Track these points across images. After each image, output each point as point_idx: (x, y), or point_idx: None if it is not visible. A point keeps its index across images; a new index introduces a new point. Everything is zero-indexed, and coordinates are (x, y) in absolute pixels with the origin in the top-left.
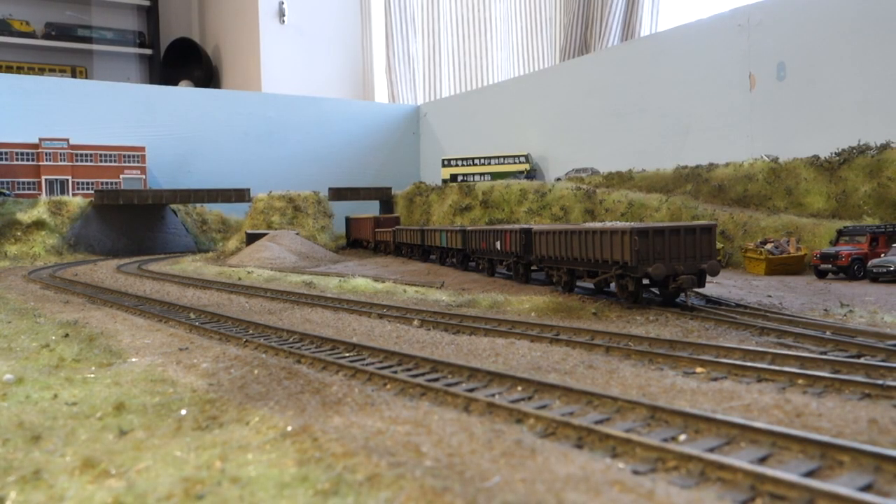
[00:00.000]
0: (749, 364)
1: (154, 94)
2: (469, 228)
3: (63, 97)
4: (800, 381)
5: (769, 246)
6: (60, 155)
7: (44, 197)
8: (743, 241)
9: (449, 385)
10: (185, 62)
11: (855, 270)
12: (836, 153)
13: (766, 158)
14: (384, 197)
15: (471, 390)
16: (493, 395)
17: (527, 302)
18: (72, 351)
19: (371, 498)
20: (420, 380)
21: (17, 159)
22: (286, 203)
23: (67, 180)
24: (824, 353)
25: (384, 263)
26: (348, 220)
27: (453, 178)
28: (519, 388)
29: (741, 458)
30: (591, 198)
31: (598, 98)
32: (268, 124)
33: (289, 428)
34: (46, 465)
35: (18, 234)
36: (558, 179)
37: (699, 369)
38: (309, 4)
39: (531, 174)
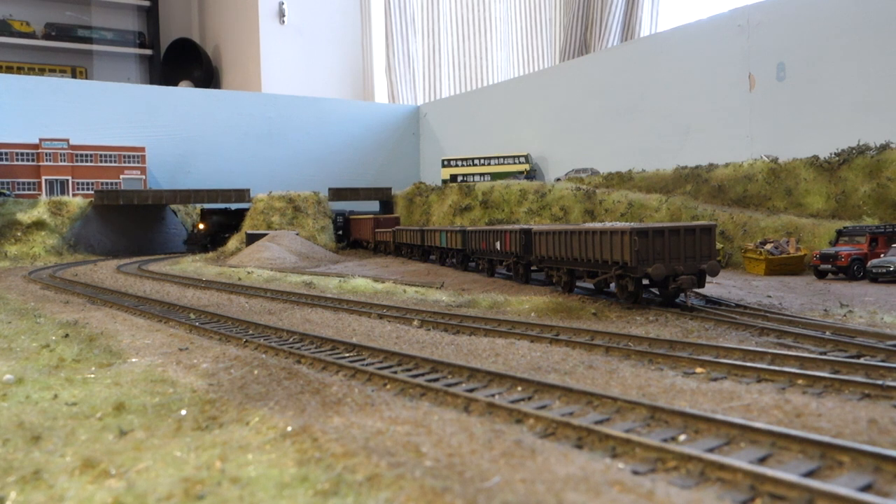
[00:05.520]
0: (749, 364)
1: (154, 94)
2: (469, 229)
3: (63, 97)
4: (799, 382)
5: (769, 246)
6: (60, 155)
7: (44, 197)
8: (743, 241)
9: (449, 385)
10: (185, 62)
11: (854, 271)
12: (835, 153)
13: (765, 159)
14: (384, 197)
15: (471, 390)
16: (493, 396)
17: (527, 302)
18: (72, 351)
19: (371, 498)
20: (420, 380)
21: (17, 159)
22: (286, 203)
23: (67, 181)
24: (824, 353)
25: (384, 264)
26: (347, 220)
27: (453, 178)
28: (519, 389)
29: (741, 459)
30: (590, 198)
31: (598, 98)
32: (268, 124)
33: (289, 428)
34: (46, 466)
35: (18, 234)
36: (558, 180)
37: (699, 369)
38: (309, 4)
39: (531, 174)
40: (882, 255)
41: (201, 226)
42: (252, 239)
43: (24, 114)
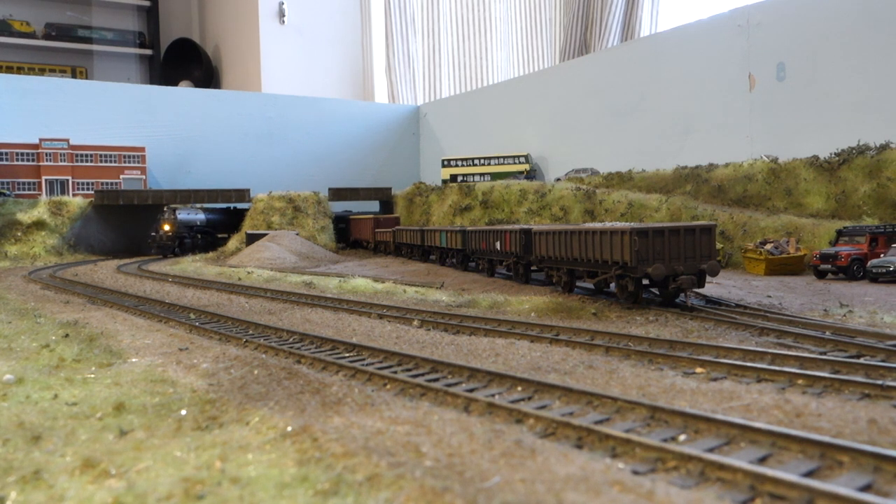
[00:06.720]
0: (749, 364)
1: (154, 94)
2: (469, 229)
3: (63, 97)
4: (799, 382)
5: (769, 246)
6: (60, 155)
7: (44, 197)
8: (743, 241)
9: (449, 385)
10: (185, 62)
11: (854, 271)
12: (835, 153)
13: (765, 159)
14: (384, 197)
15: (471, 390)
16: (493, 396)
17: (527, 302)
18: (72, 351)
19: (371, 498)
20: (420, 380)
21: (17, 159)
22: (286, 203)
23: (67, 180)
24: (824, 353)
25: (384, 264)
26: (347, 220)
27: (453, 178)
28: (519, 389)
29: (741, 459)
30: (590, 198)
31: (598, 98)
32: (268, 124)
33: (289, 428)
34: (46, 465)
35: (18, 234)
36: (558, 180)
37: (699, 369)
38: (309, 4)
39: (531, 174)
40: (882, 255)
41: (166, 227)
42: (252, 239)
43: (24, 114)
